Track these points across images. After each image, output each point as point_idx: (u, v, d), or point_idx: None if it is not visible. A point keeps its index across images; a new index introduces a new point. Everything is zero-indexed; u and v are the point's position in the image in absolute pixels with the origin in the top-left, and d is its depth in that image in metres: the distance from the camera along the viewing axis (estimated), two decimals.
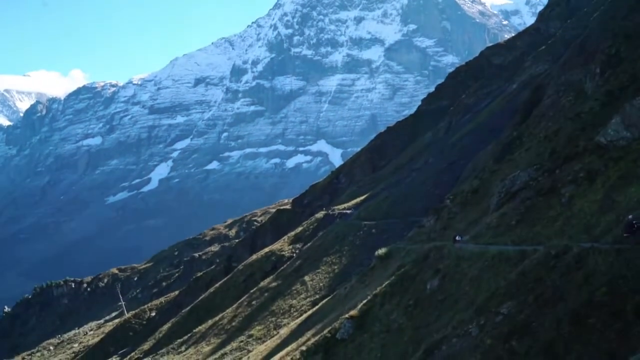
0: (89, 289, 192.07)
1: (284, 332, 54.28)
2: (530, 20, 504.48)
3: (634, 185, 28.00)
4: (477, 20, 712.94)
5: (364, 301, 37.98)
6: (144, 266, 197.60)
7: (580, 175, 32.97)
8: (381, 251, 49.41)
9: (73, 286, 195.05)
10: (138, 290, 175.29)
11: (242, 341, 60.84)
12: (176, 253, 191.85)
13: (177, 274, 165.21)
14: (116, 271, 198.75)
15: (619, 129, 33.42)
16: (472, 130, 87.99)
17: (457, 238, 38.10)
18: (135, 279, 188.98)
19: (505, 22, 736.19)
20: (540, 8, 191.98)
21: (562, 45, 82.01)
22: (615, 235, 24.22)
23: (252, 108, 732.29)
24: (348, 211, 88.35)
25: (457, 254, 34.24)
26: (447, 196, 57.18)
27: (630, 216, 24.59)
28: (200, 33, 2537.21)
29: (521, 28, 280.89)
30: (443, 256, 35.73)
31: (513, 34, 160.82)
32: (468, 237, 38.13)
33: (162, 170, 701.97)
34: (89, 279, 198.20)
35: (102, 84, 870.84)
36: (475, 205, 49.10)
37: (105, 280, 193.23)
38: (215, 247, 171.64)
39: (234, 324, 68.22)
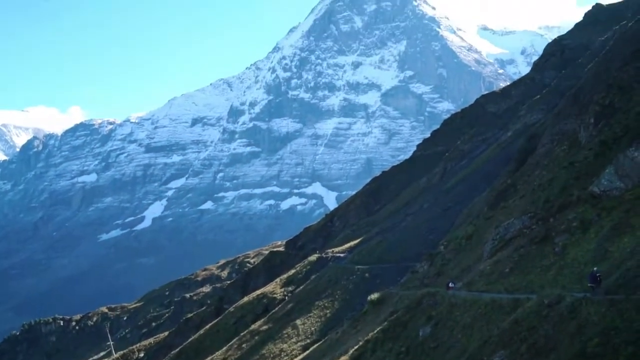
0: (77, 327, 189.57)
1: None
2: (525, 69, 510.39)
3: (627, 236, 28.06)
4: (473, 69, 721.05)
5: (356, 347, 37.64)
6: (134, 305, 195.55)
7: (574, 225, 33.04)
8: (374, 296, 49.13)
9: (62, 324, 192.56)
10: (127, 330, 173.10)
11: None
12: (167, 293, 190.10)
13: (167, 315, 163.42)
14: (106, 310, 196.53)
15: (612, 179, 33.62)
16: (467, 177, 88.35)
17: (450, 285, 37.97)
18: (125, 318, 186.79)
19: (500, 71, 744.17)
20: (535, 58, 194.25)
21: (556, 95, 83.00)
22: (607, 285, 24.20)
23: (248, 149, 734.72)
24: (341, 255, 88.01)
25: (450, 300, 34.07)
26: (441, 242, 57.16)
27: (595, 268, 25.11)
28: (199, 74, 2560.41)
29: (516, 77, 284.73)
30: (436, 303, 35.55)
31: (508, 83, 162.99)
32: (461, 284, 38.00)
33: (156, 209, 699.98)
34: (78, 317, 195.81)
35: (100, 121, 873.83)
36: (469, 252, 49.04)
37: (95, 318, 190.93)
38: (206, 288, 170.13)
39: None
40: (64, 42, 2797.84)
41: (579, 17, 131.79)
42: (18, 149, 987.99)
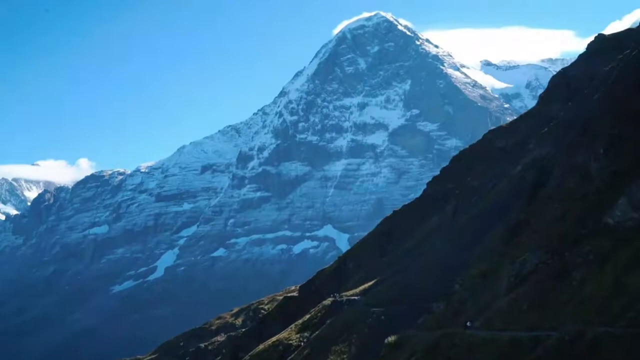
0: None
1: None
2: (531, 103, 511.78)
3: None
4: (479, 104, 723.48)
5: None
6: (148, 358, 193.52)
7: (590, 258, 32.52)
8: (391, 339, 48.41)
9: None
10: None
11: None
12: (182, 344, 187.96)
13: None
14: None
15: (626, 210, 33.21)
16: (479, 213, 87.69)
17: (468, 324, 37.33)
18: None
19: (506, 106, 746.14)
20: (540, 91, 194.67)
21: (564, 127, 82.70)
22: (630, 319, 23.61)
23: (259, 194, 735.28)
24: (356, 297, 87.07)
25: (468, 341, 33.45)
26: (457, 281, 56.42)
27: None
28: (207, 121, 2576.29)
29: (522, 111, 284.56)
30: (454, 344, 34.88)
31: (515, 117, 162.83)
32: (479, 323, 37.34)
33: (168, 258, 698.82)
34: None
35: (110, 172, 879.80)
36: (485, 290, 48.33)
37: None
38: (221, 337, 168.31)
39: None
40: (70, 95, 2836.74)
41: (578, 48, 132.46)
42: (29, 203, 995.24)
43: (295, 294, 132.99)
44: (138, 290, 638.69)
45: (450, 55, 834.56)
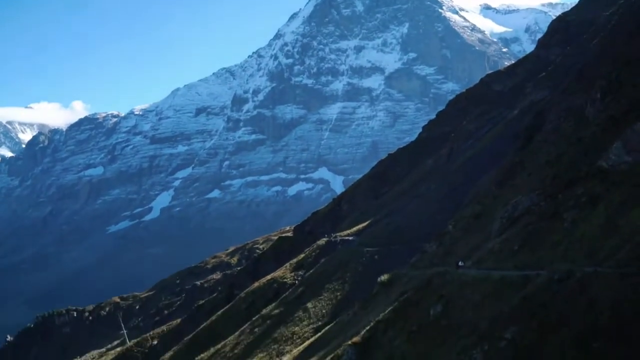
0: (90, 318, 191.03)
1: (286, 359, 53.90)
2: (529, 47, 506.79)
3: (636, 209, 27.92)
4: (477, 48, 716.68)
5: (367, 328, 37.68)
6: (145, 294, 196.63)
7: (583, 200, 32.90)
8: (384, 277, 49.17)
9: (75, 315, 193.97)
10: (140, 319, 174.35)
11: None
12: (178, 281, 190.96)
13: (178, 302, 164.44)
14: (118, 300, 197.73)
15: (620, 153, 33.43)
16: (474, 156, 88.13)
17: (459, 263, 37.95)
18: (137, 307, 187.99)
19: (504, 50, 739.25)
20: (539, 36, 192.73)
21: (562, 72, 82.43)
22: (619, 259, 24.13)
23: (254, 137, 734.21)
24: (350, 238, 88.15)
25: (460, 279, 34.07)
26: (449, 222, 57.07)
27: None
28: (201, 64, 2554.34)
29: (521, 55, 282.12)
30: (446, 282, 35.52)
31: (513, 61, 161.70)
32: (471, 263, 37.98)
33: (163, 199, 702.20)
34: (90, 307, 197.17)
35: (104, 114, 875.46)
36: (477, 231, 48.94)
37: (107, 308, 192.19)
38: (217, 275, 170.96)
39: (236, 351, 67.75)
40: (63, 36, 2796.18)
41: None
42: (24, 146, 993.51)
43: (289, 234, 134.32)
44: (134, 230, 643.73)
45: None
